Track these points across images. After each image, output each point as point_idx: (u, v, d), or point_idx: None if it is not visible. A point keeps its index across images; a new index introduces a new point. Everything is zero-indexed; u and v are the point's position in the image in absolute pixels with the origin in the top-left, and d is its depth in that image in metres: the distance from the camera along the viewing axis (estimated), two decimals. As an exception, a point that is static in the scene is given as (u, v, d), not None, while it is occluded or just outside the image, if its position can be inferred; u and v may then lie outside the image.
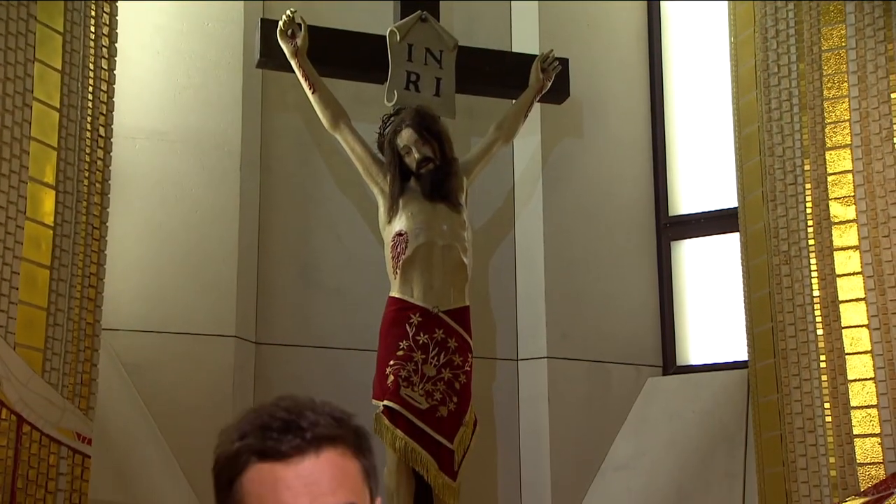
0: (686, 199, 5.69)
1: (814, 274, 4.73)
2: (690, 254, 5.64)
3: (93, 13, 4.34)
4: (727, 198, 5.38)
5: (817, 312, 4.68)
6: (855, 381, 4.53)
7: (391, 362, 4.57)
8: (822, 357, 4.62)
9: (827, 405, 4.57)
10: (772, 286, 4.87)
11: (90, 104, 4.28)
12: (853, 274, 4.61)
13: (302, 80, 4.87)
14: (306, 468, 1.62)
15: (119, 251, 4.72)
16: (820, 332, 4.65)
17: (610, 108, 5.71)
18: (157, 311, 4.85)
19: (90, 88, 4.29)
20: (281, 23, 4.84)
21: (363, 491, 1.67)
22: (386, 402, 4.53)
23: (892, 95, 4.62)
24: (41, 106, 4.06)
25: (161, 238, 4.93)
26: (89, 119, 4.27)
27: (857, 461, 4.43)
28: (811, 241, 4.78)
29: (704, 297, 5.57)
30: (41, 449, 3.88)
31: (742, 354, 5.08)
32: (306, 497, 1.60)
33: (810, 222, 4.79)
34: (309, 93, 4.87)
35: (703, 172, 5.68)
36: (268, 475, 1.62)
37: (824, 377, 4.60)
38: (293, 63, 4.86)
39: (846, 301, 4.62)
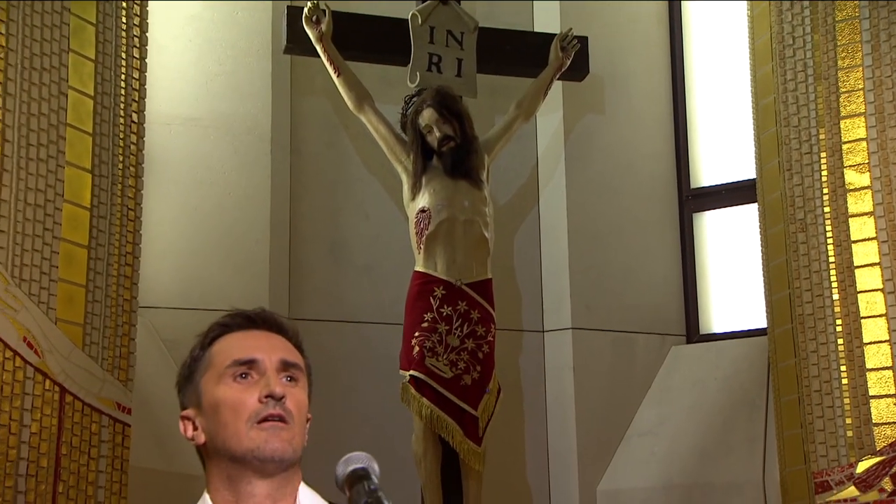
0: (707, 171, 5.81)
1: (829, 240, 4.82)
2: (712, 225, 5.76)
3: (124, 5, 4.55)
4: (747, 169, 5.49)
5: (833, 278, 4.77)
6: (870, 343, 4.63)
7: (416, 334, 4.73)
8: (838, 321, 4.71)
9: (843, 368, 4.66)
10: (788, 254, 4.97)
11: (123, 92, 4.50)
12: (868, 240, 4.69)
13: (327, 64, 5.04)
14: (266, 333, 1.95)
15: (157, 233, 4.94)
16: (836, 296, 4.74)
17: (631, 85, 5.83)
18: (194, 290, 5.05)
19: (122, 77, 4.50)
20: (306, 9, 5.02)
21: (306, 379, 1.98)
22: (412, 372, 4.70)
23: (905, 63, 4.71)
24: (76, 94, 4.28)
25: (197, 220, 5.13)
26: (122, 106, 4.49)
27: (873, 422, 4.51)
28: (826, 209, 4.87)
29: (726, 267, 5.69)
30: (83, 418, 4.10)
31: (762, 322, 5.19)
32: (265, 348, 1.92)
33: (825, 190, 4.89)
34: (334, 76, 5.04)
35: (724, 145, 5.80)
36: (235, 336, 1.95)
37: (840, 341, 4.69)
38: (318, 48, 5.03)
39: (861, 266, 4.71)
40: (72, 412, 4.07)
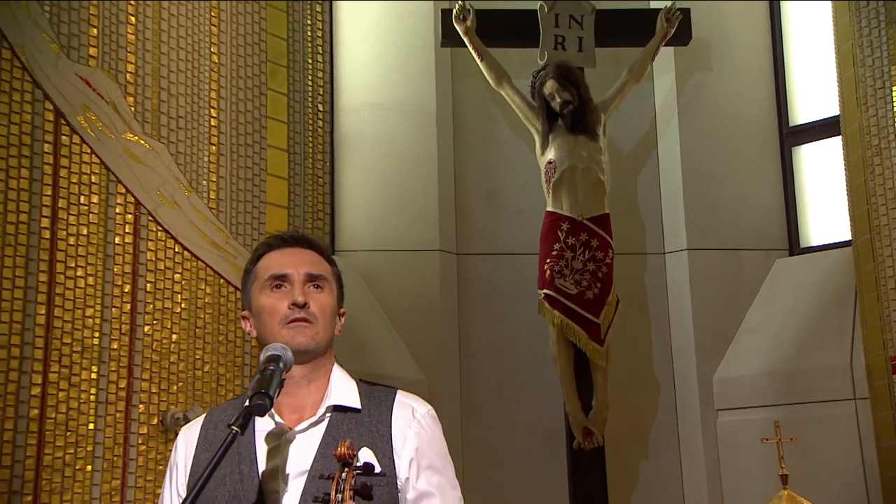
0: (803, 110, 5.88)
1: (900, 161, 4.91)
2: (808, 156, 5.84)
3: (309, 22, 5.18)
4: (835, 107, 5.54)
5: (903, 192, 4.86)
6: (937, 246, 4.71)
7: (548, 260, 5.15)
8: (909, 228, 4.81)
9: (914, 268, 4.76)
10: (866, 175, 5.07)
11: (310, 88, 5.14)
12: (934, 158, 4.76)
13: (473, 52, 5.47)
14: (299, 250, 2.19)
15: (352, 194, 5.56)
16: (906, 207, 4.84)
17: (734, 44, 5.96)
18: (382, 236, 5.61)
19: (310, 76, 5.14)
20: (455, 10, 5.48)
21: (334, 287, 2.21)
22: (545, 291, 5.14)
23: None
24: (273, 93, 4.95)
25: (382, 184, 5.67)
26: (310, 99, 5.13)
27: (941, 311, 4.62)
28: (897, 135, 4.96)
29: (820, 190, 5.76)
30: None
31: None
32: (296, 263, 2.15)
33: (896, 119, 4.96)
34: (478, 60, 5.48)
35: (817, 88, 5.85)
36: (274, 254, 2.19)
37: (911, 245, 4.79)
38: (465, 40, 5.48)
39: (928, 181, 4.78)
40: (284, 326, 4.72)
